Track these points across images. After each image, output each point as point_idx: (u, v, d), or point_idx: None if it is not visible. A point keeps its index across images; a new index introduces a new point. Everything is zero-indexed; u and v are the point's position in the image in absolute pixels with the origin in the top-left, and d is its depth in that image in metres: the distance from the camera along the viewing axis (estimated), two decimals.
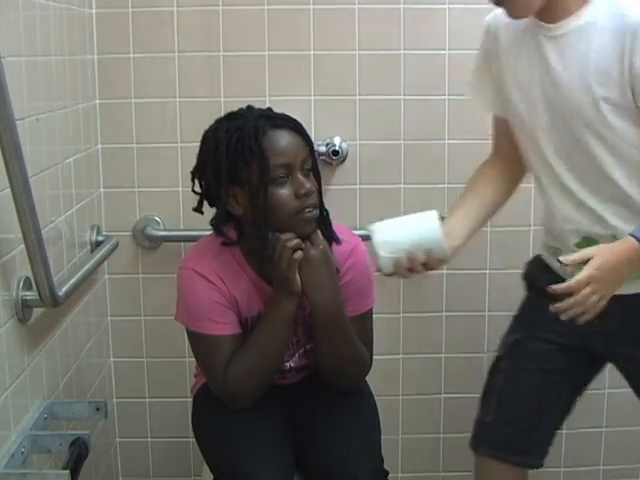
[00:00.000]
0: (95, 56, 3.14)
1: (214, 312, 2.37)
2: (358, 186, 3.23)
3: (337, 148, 3.16)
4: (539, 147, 2.32)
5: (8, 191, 2.08)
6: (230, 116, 2.38)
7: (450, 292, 3.31)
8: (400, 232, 2.30)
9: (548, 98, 2.26)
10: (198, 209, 2.46)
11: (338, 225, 2.49)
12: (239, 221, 2.41)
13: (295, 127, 2.34)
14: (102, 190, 3.22)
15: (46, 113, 2.56)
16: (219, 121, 2.37)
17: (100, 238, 3.12)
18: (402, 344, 3.35)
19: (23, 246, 2.19)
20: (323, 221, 2.41)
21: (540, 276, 2.49)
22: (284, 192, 2.27)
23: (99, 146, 3.18)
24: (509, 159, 2.51)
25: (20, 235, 2.17)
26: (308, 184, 2.30)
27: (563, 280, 2.14)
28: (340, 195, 3.18)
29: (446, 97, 3.05)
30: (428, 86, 3.17)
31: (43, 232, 2.23)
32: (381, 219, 2.34)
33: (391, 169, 3.16)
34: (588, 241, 2.29)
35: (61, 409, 2.52)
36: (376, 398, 2.65)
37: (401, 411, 3.36)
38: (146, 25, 3.14)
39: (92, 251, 3.04)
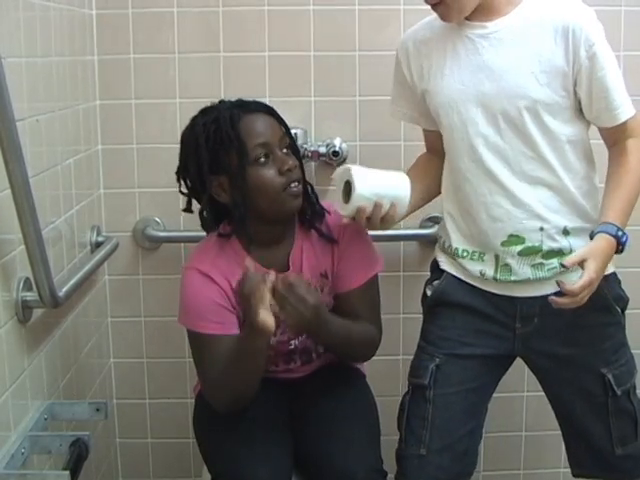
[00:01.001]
0: (95, 57, 3.14)
1: (212, 311, 2.39)
2: None
3: (337, 149, 3.17)
4: (469, 143, 2.36)
5: (8, 192, 2.08)
6: (204, 111, 2.45)
7: None
8: (377, 177, 2.38)
9: (483, 93, 2.31)
10: (187, 209, 2.53)
11: (324, 202, 2.57)
12: (228, 211, 2.45)
13: (268, 110, 2.43)
14: (102, 191, 3.22)
15: (46, 114, 2.56)
16: (195, 118, 2.45)
17: (100, 239, 3.12)
18: (402, 344, 3.36)
19: (23, 247, 2.19)
20: (308, 195, 2.48)
21: (456, 291, 2.50)
22: (267, 171, 2.35)
23: (99, 147, 3.19)
24: (442, 155, 2.53)
25: (20, 236, 2.17)
26: (290, 160, 2.37)
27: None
28: None
29: None
30: None
31: (43, 233, 2.23)
32: None
33: (391, 169, 3.16)
34: (515, 239, 2.36)
35: (61, 410, 2.52)
36: (376, 398, 2.65)
37: None
38: (146, 26, 3.15)
39: (92, 252, 3.04)
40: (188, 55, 3.16)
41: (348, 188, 2.34)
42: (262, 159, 2.35)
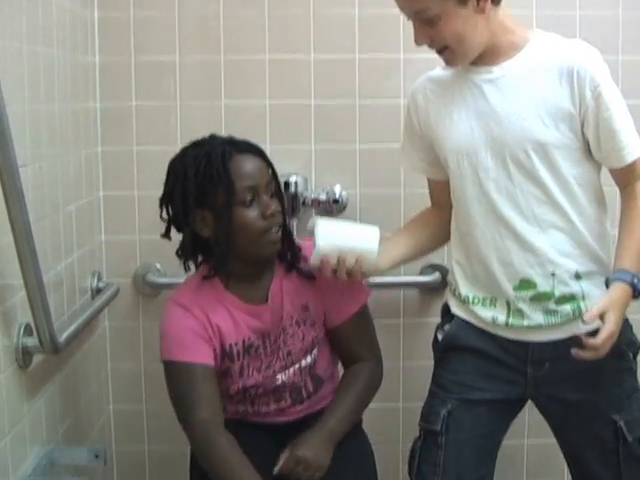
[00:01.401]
0: (98, 104, 3.17)
1: (186, 339, 2.41)
2: None
3: (337, 197, 3.18)
4: (479, 188, 2.37)
5: (10, 237, 2.09)
6: (196, 144, 2.46)
7: None
8: (342, 231, 2.39)
9: (492, 138, 2.32)
10: (166, 235, 2.53)
11: (307, 242, 2.58)
12: (207, 245, 2.47)
13: (258, 152, 2.45)
14: (103, 237, 3.23)
15: (49, 160, 2.58)
16: (185, 149, 2.46)
17: (101, 285, 3.12)
18: (402, 392, 3.36)
19: (24, 292, 2.20)
20: (287, 240, 2.50)
21: (467, 335, 2.49)
22: (251, 213, 2.37)
23: (101, 193, 3.20)
24: (446, 208, 2.53)
25: (21, 281, 2.18)
26: (273, 205, 2.40)
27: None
28: None
29: None
30: None
31: (44, 278, 2.24)
32: None
33: (391, 217, 3.17)
34: (527, 284, 2.35)
35: (60, 455, 2.52)
36: (376, 446, 2.65)
37: (400, 459, 3.34)
38: (148, 73, 3.18)
39: (93, 298, 3.05)
40: (189, 103, 3.19)
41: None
42: (248, 201, 2.37)
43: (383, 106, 3.17)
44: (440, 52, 2.32)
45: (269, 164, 2.47)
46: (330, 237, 2.34)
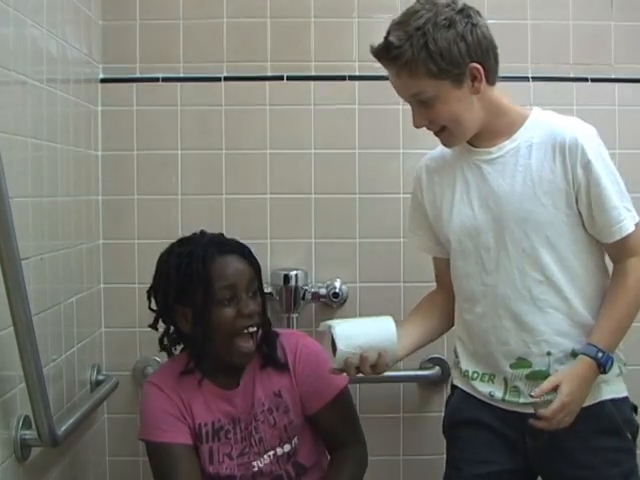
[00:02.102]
0: (100, 197, 3.20)
1: (163, 420, 2.44)
2: None
3: (337, 290, 3.19)
4: (482, 267, 2.38)
5: (11, 329, 2.10)
6: (182, 242, 2.53)
7: None
8: (360, 330, 2.34)
9: (493, 218, 2.35)
10: (153, 325, 2.57)
11: (287, 331, 2.69)
12: (188, 338, 2.51)
13: (242, 252, 2.49)
14: (103, 329, 3.23)
15: (51, 253, 2.60)
16: (172, 245, 2.53)
17: (100, 377, 3.11)
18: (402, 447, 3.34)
19: (24, 384, 2.19)
20: (266, 340, 2.53)
21: (468, 408, 2.50)
22: (227, 311, 2.41)
23: (101, 286, 3.21)
24: (450, 285, 2.54)
25: (21, 373, 2.18)
26: (252, 305, 2.43)
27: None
28: None
29: None
30: None
31: (44, 370, 2.24)
32: None
33: (391, 311, 3.15)
34: (522, 362, 2.36)
35: None
36: None
37: None
38: (150, 167, 3.22)
39: (92, 390, 3.03)
40: (190, 197, 3.22)
41: (334, 344, 2.32)
42: (226, 300, 2.41)
43: (382, 200, 3.20)
44: (438, 133, 2.36)
45: (253, 264, 2.50)
46: (350, 339, 2.30)
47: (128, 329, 3.23)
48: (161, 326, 2.57)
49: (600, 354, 2.22)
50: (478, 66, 2.24)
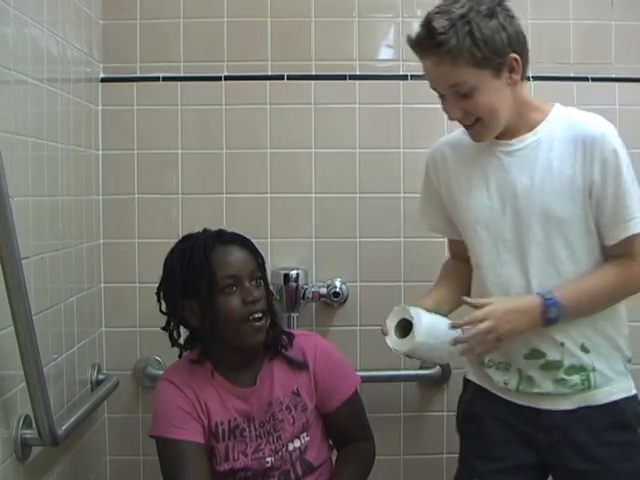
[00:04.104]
0: (100, 197, 3.20)
1: (176, 417, 2.44)
2: (359, 327, 3.25)
3: (338, 290, 3.20)
4: (496, 258, 2.38)
5: (11, 329, 2.10)
6: (185, 238, 2.56)
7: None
8: (436, 329, 2.29)
9: (511, 210, 2.34)
10: (166, 327, 2.57)
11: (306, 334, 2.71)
12: (198, 333, 2.53)
13: (243, 242, 2.52)
14: (104, 329, 3.23)
15: (51, 252, 2.60)
16: (177, 243, 2.55)
17: (101, 377, 3.11)
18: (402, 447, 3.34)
19: (24, 384, 2.20)
20: (273, 328, 2.53)
21: (482, 401, 2.52)
22: (232, 300, 2.42)
23: (102, 285, 3.22)
24: (464, 259, 2.55)
25: (22, 372, 2.18)
26: (255, 292, 2.44)
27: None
28: (341, 336, 3.19)
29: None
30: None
31: (44, 370, 2.24)
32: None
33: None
34: (537, 352, 2.36)
35: None
36: None
37: None
38: (150, 167, 3.22)
39: (92, 390, 3.03)
40: (191, 196, 3.22)
41: (405, 327, 2.29)
42: (230, 288, 2.43)
43: (382, 199, 3.20)
44: (470, 127, 2.34)
45: (255, 253, 2.53)
46: (425, 334, 2.25)
47: (128, 328, 3.23)
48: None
49: (550, 299, 2.23)
50: (517, 57, 2.24)
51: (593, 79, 3.24)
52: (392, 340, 2.32)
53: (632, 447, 2.36)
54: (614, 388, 2.34)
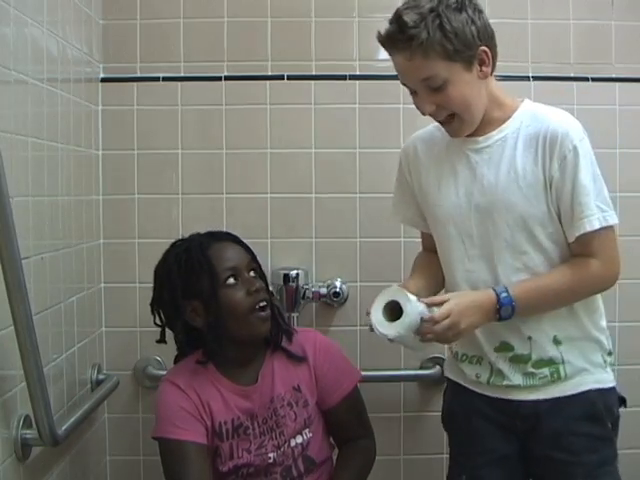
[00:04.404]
0: (100, 197, 3.20)
1: (179, 417, 2.46)
2: (359, 327, 3.25)
3: (338, 290, 3.20)
4: (464, 253, 2.41)
5: (11, 329, 2.10)
6: (175, 245, 2.59)
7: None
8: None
9: (477, 207, 2.37)
10: (161, 340, 2.63)
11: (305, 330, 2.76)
12: (202, 336, 2.53)
13: (234, 239, 2.57)
14: (104, 329, 3.23)
15: (51, 252, 2.60)
16: (166, 252, 2.59)
17: (101, 377, 3.11)
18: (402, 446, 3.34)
19: (24, 384, 2.20)
20: (275, 316, 2.57)
21: (459, 397, 2.56)
22: (236, 293, 2.46)
23: (102, 285, 3.22)
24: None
25: (22, 372, 2.18)
26: (257, 282, 2.49)
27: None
28: (341, 336, 3.18)
29: None
30: None
31: (44, 370, 2.24)
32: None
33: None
34: (505, 345, 2.38)
35: None
36: None
37: None
38: (150, 166, 3.22)
39: (92, 390, 3.03)
40: (191, 196, 3.22)
41: (394, 310, 2.27)
42: (231, 281, 2.46)
43: (382, 200, 3.18)
44: (445, 122, 2.36)
45: (247, 248, 2.58)
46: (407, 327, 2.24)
47: (128, 329, 3.23)
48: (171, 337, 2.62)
49: (504, 293, 2.25)
50: (487, 50, 2.26)
51: (593, 79, 3.24)
52: (379, 323, 2.29)
53: (601, 440, 2.39)
54: (586, 379, 2.36)
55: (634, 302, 3.22)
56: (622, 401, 2.46)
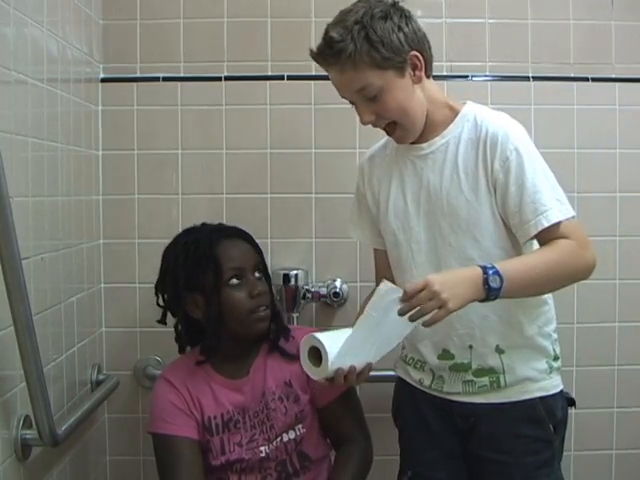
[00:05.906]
0: (100, 197, 3.20)
1: (169, 413, 2.50)
2: None
3: (338, 290, 3.20)
4: (412, 260, 2.43)
5: (11, 329, 2.10)
6: (187, 231, 2.64)
7: None
8: (346, 345, 2.21)
9: (424, 213, 2.39)
10: (162, 320, 2.66)
11: (300, 327, 2.80)
12: (200, 327, 2.57)
13: (245, 237, 2.60)
14: (104, 329, 3.23)
15: (51, 252, 2.60)
16: (177, 236, 2.63)
17: (101, 377, 3.11)
18: None
19: (24, 384, 2.20)
20: (275, 319, 2.60)
21: (404, 394, 2.59)
22: (239, 294, 2.49)
23: (102, 285, 3.22)
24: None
25: (21, 373, 2.18)
26: (260, 286, 2.52)
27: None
28: None
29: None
30: None
31: (44, 370, 2.24)
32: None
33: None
34: (446, 354, 2.41)
35: None
36: None
37: None
38: (150, 167, 3.22)
39: (92, 390, 3.03)
40: (191, 196, 3.23)
41: (317, 354, 2.21)
42: (234, 281, 2.50)
43: None
44: (389, 130, 2.38)
45: (256, 247, 2.61)
46: (339, 355, 2.18)
47: (128, 329, 3.24)
48: (171, 320, 2.66)
49: (492, 268, 2.10)
50: (418, 54, 2.28)
51: (593, 79, 3.24)
52: (309, 369, 2.24)
53: (542, 443, 2.39)
54: (528, 388, 2.36)
55: (634, 302, 3.22)
56: (571, 403, 2.48)
